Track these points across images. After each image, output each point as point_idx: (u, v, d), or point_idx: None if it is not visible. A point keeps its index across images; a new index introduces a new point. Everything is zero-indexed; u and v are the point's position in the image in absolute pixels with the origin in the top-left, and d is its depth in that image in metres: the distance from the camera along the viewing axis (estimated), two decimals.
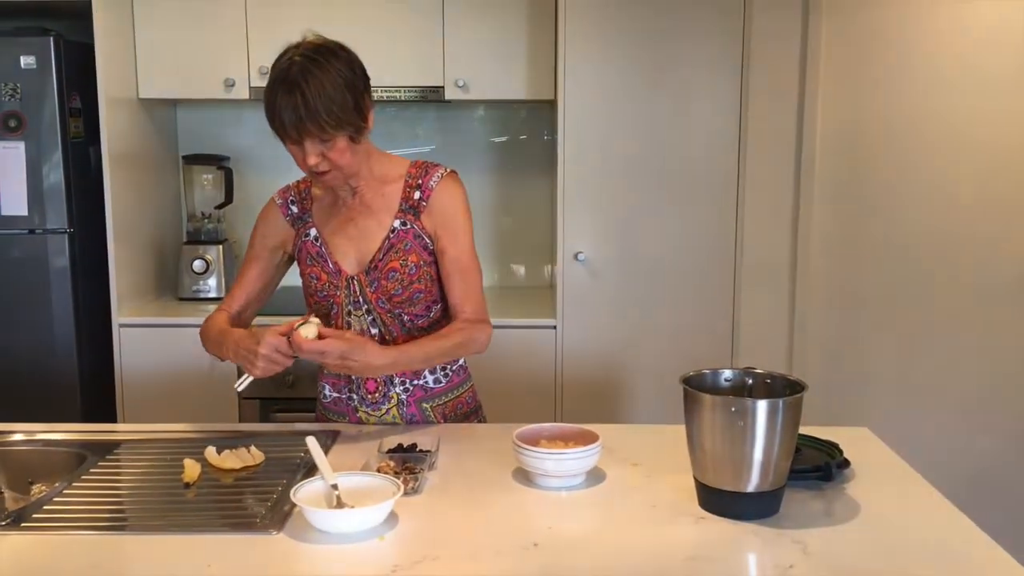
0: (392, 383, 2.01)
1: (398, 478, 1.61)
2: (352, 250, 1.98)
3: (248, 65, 3.33)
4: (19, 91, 3.08)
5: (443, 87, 3.34)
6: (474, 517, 1.57)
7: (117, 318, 3.20)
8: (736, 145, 3.22)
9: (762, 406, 1.49)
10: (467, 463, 1.80)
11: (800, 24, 3.14)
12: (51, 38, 3.09)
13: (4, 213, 3.14)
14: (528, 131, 3.77)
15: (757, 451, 1.50)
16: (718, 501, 1.55)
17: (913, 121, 3.18)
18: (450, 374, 2.06)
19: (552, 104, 3.47)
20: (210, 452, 1.79)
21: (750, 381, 1.66)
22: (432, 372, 2.03)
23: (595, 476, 1.72)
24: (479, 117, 3.77)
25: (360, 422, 2.04)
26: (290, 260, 2.09)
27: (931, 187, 3.20)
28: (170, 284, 3.61)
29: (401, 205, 1.97)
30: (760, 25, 3.14)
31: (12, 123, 3.09)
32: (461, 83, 3.32)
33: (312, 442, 1.67)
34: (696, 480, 1.59)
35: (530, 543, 1.46)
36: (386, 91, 3.33)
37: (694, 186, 3.24)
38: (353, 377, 2.00)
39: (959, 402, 3.27)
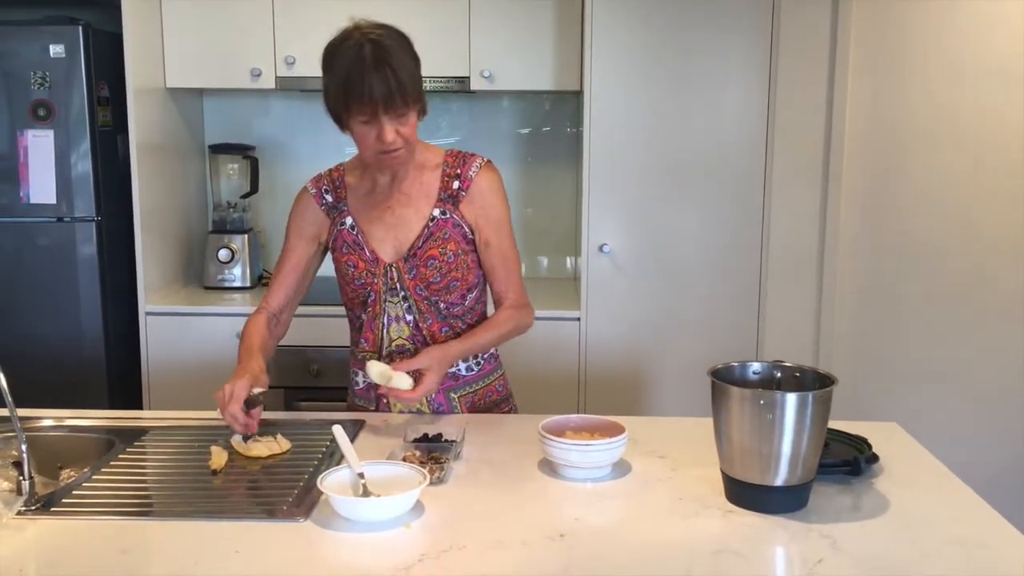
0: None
1: (424, 467, 1.61)
2: (389, 238, 1.99)
3: (274, 55, 3.34)
4: (48, 80, 3.11)
5: (469, 78, 3.33)
6: (500, 507, 1.57)
7: (144, 306, 3.22)
8: (764, 138, 3.19)
9: (791, 399, 1.48)
10: (492, 453, 1.80)
11: (829, 16, 3.11)
12: (80, 27, 3.10)
13: (33, 201, 3.16)
14: (552, 123, 3.76)
15: (786, 445, 1.48)
16: (746, 494, 1.54)
17: (944, 115, 3.14)
18: (481, 362, 2.07)
19: (577, 95, 3.45)
20: (236, 440, 1.80)
21: (779, 374, 1.64)
22: (464, 360, 2.03)
23: (621, 468, 1.71)
24: (504, 108, 3.76)
25: (389, 410, 2.04)
26: (325, 250, 2.09)
27: (960, 182, 3.16)
28: (196, 273, 3.64)
29: (440, 194, 1.99)
30: (789, 17, 3.11)
31: (41, 112, 3.12)
32: (487, 74, 3.31)
33: (339, 431, 1.67)
34: (723, 473, 1.58)
35: (556, 534, 1.46)
36: None
37: (720, 178, 3.22)
38: (384, 362, 1.99)
39: (987, 398, 3.24)
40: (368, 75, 1.78)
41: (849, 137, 3.16)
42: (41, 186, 3.16)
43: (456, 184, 1.99)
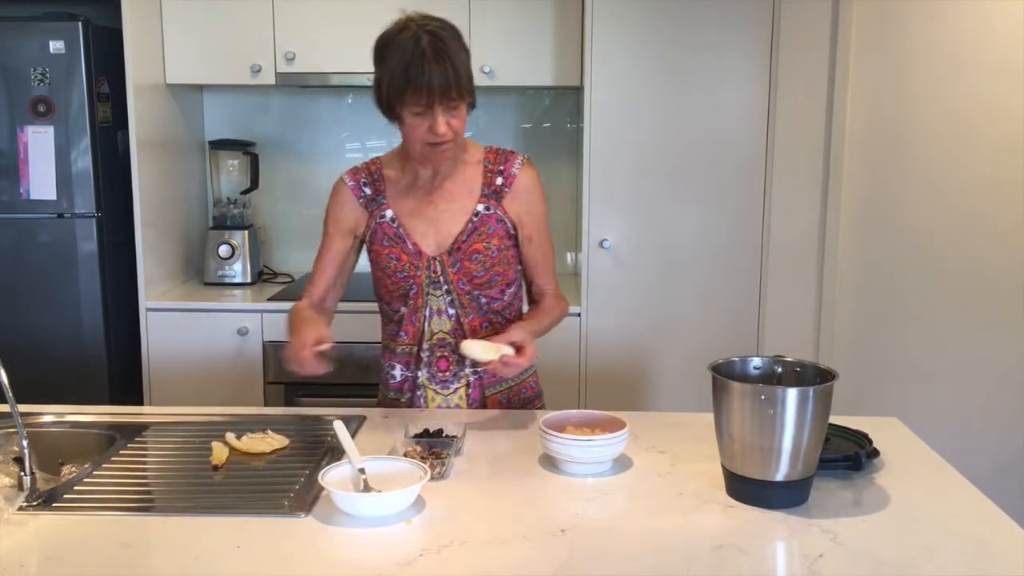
0: (464, 364, 2.02)
1: (424, 463, 1.61)
2: (432, 231, 2.00)
3: (274, 51, 3.34)
4: (48, 76, 3.10)
5: None
6: (501, 503, 1.57)
7: (144, 302, 3.22)
8: (764, 133, 3.19)
9: (792, 394, 1.48)
10: (493, 449, 1.80)
11: (830, 11, 3.10)
12: (80, 23, 3.10)
13: (33, 197, 3.17)
14: (553, 118, 3.75)
15: (787, 440, 1.49)
16: (746, 489, 1.54)
17: (944, 110, 3.14)
18: None
19: (577, 91, 3.45)
20: (229, 436, 1.80)
21: (779, 369, 1.64)
22: None
23: (622, 463, 1.71)
24: (505, 104, 3.76)
25: (425, 404, 2.04)
26: (362, 243, 2.09)
27: (960, 177, 3.16)
28: (196, 269, 3.63)
29: (483, 190, 2.01)
30: (789, 12, 3.11)
31: (41, 108, 3.11)
32: (487, 69, 3.30)
33: (340, 426, 1.67)
34: (724, 468, 1.58)
35: (558, 529, 1.46)
36: None
37: (721, 174, 3.22)
38: (424, 356, 2.02)
39: (988, 392, 3.24)
40: (427, 65, 1.80)
41: (849, 132, 3.16)
42: (41, 182, 3.16)
43: (499, 180, 2.02)
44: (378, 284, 2.08)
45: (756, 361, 1.66)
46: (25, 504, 1.54)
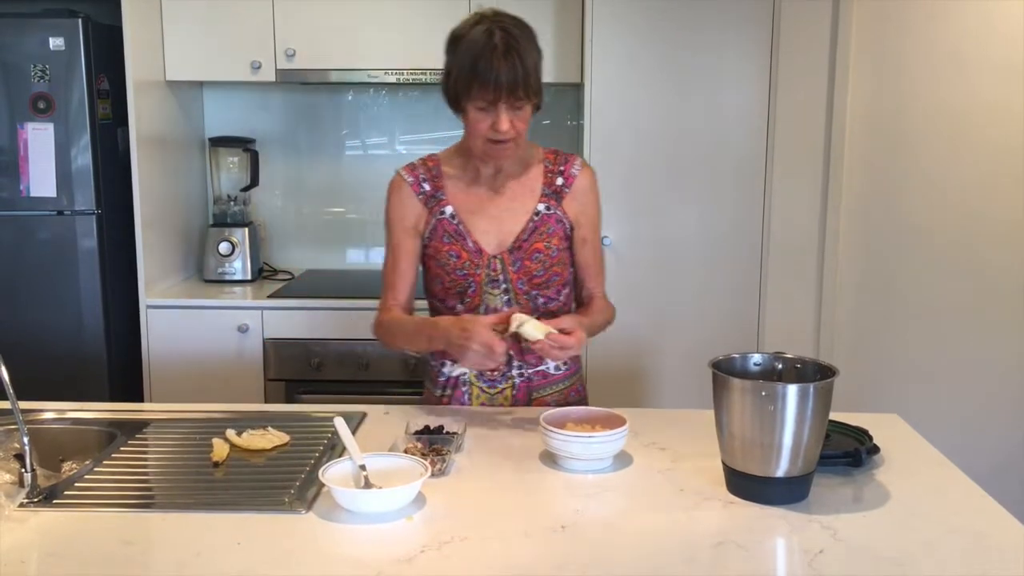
0: (512, 364, 2.01)
1: (425, 460, 1.61)
2: (493, 229, 2.00)
3: (274, 47, 3.33)
4: (48, 73, 3.10)
5: None
6: (501, 499, 1.57)
7: (144, 299, 3.22)
8: (764, 130, 3.19)
9: (792, 391, 1.48)
10: (494, 445, 1.80)
11: (830, 9, 3.10)
12: (80, 20, 3.10)
13: (33, 194, 3.16)
14: (553, 115, 3.75)
15: (787, 436, 1.49)
16: (747, 486, 1.54)
17: (944, 108, 3.13)
18: (568, 362, 2.07)
19: (577, 88, 3.45)
20: (230, 433, 1.80)
21: (780, 366, 1.65)
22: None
23: (622, 460, 1.71)
24: None
25: (470, 402, 2.04)
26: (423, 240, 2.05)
27: (961, 176, 3.16)
28: (196, 266, 3.64)
29: (544, 190, 2.02)
30: (789, 10, 3.11)
31: (41, 105, 3.11)
32: None
33: (340, 423, 1.67)
34: (724, 465, 1.59)
35: (558, 526, 1.46)
36: (412, 74, 3.33)
37: (721, 171, 3.22)
38: None
39: (988, 389, 3.24)
40: (497, 61, 1.80)
41: (849, 129, 3.16)
42: (41, 179, 3.16)
43: (560, 180, 2.03)
44: (433, 281, 2.06)
45: (756, 358, 1.66)
46: (26, 501, 1.54)
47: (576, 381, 2.12)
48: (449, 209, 2.01)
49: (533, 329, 1.82)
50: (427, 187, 2.03)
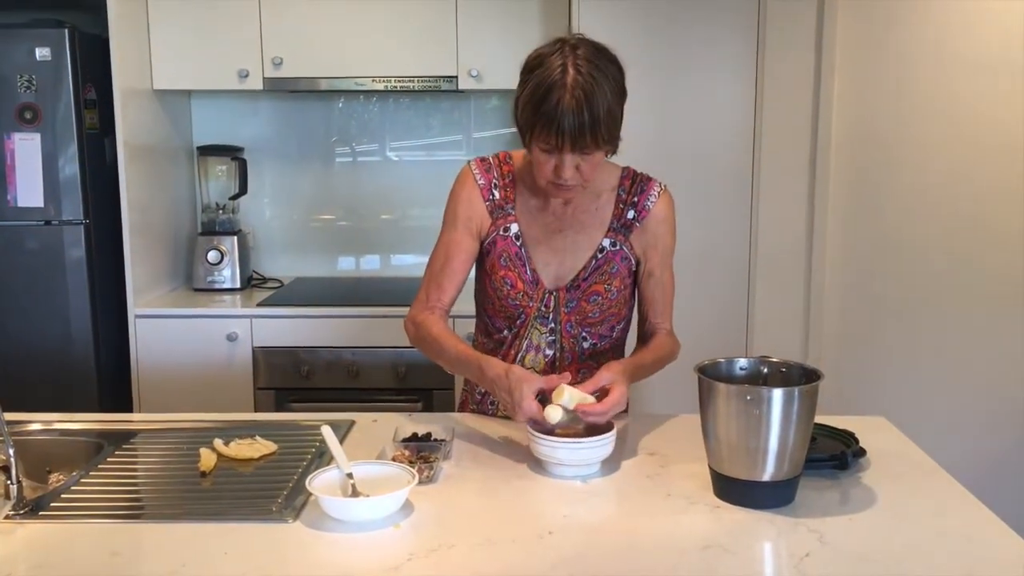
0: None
1: (413, 467, 1.61)
2: (554, 262, 1.88)
3: (262, 56, 3.34)
4: (35, 83, 3.10)
5: (457, 77, 3.33)
6: (489, 506, 1.58)
7: (133, 309, 3.21)
8: (751, 134, 3.20)
9: (778, 395, 1.49)
10: (482, 452, 1.80)
11: (815, 17, 3.12)
12: (66, 30, 3.10)
13: (20, 204, 3.15)
14: None
15: (773, 440, 1.49)
16: (733, 490, 1.55)
17: (930, 114, 3.14)
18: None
19: None
20: (217, 443, 1.79)
21: (765, 370, 1.65)
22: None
23: (610, 465, 1.72)
24: (493, 107, 3.76)
25: (506, 416, 1.94)
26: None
27: (947, 181, 3.17)
28: (185, 275, 3.63)
29: (612, 223, 1.89)
30: (775, 18, 3.12)
31: (28, 115, 3.11)
32: (475, 73, 3.31)
33: (327, 431, 1.67)
34: (711, 469, 1.59)
35: (545, 531, 1.46)
36: (399, 81, 3.33)
37: (708, 175, 3.23)
38: None
39: (974, 392, 3.25)
40: (562, 104, 1.64)
41: (836, 133, 3.17)
42: (28, 189, 3.15)
43: (631, 213, 1.89)
44: (485, 297, 1.95)
45: (742, 362, 1.67)
46: (12, 512, 1.54)
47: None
48: (515, 228, 1.88)
49: (569, 399, 1.69)
50: (497, 195, 1.89)
